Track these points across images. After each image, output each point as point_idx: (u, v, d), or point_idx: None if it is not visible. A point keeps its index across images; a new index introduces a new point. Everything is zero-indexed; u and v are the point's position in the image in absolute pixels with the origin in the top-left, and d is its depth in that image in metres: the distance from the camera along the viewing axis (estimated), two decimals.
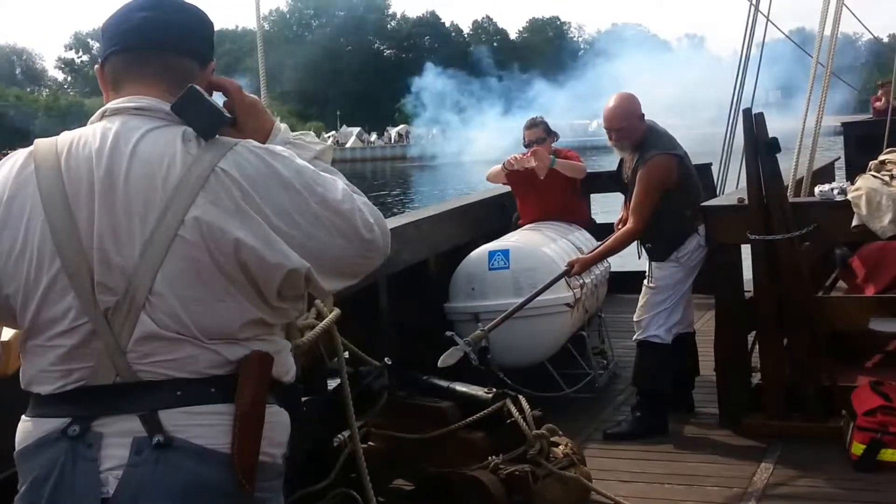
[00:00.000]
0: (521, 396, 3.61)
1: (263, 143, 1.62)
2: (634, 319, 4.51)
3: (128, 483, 1.45)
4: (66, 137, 1.58)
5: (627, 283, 5.70)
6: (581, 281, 4.92)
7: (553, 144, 5.66)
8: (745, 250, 4.48)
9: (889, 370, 4.33)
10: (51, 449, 1.50)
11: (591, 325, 5.41)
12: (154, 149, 1.52)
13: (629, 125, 4.39)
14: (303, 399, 1.81)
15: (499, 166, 5.62)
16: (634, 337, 4.53)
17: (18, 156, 1.59)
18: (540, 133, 5.58)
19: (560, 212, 5.42)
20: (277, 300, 1.56)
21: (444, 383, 3.68)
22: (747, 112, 4.38)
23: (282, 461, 1.62)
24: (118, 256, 1.49)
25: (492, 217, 5.89)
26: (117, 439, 1.48)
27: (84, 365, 1.51)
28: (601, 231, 5.48)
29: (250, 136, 1.62)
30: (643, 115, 4.47)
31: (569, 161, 5.53)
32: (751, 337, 4.42)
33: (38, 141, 1.60)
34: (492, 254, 4.79)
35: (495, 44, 76.98)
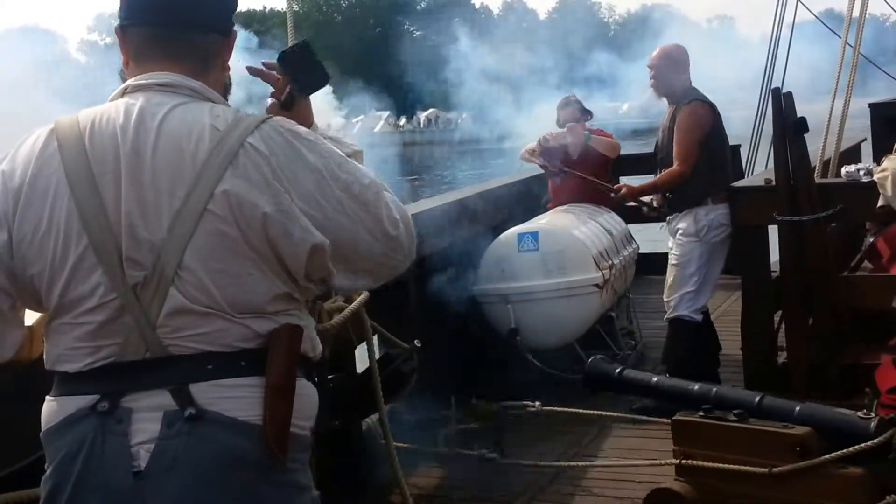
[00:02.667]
0: None
1: None
2: (665, 299, 4.62)
3: (160, 455, 1.46)
4: (87, 114, 1.57)
5: (655, 265, 5.78)
6: (610, 262, 5.01)
7: (587, 124, 5.74)
8: (773, 231, 4.54)
9: None
10: (80, 426, 1.50)
11: (619, 305, 5.49)
12: (182, 124, 1.52)
13: (663, 66, 4.61)
14: (329, 377, 1.87)
15: (533, 143, 5.70)
16: (666, 316, 4.63)
17: (39, 134, 1.58)
18: (574, 112, 5.68)
19: (592, 192, 5.52)
20: (304, 280, 1.57)
21: (793, 404, 2.99)
22: (776, 92, 4.43)
23: (310, 434, 1.63)
24: (146, 231, 1.49)
25: (523, 199, 5.98)
26: (148, 413, 1.48)
27: (113, 341, 1.52)
28: (630, 214, 5.56)
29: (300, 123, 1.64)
30: (686, 67, 4.66)
31: (602, 138, 5.62)
32: (777, 316, 4.49)
33: (58, 119, 1.58)
34: (521, 236, 4.89)
35: (525, 24, 76.40)
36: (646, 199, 4.92)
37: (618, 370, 3.67)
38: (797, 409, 2.83)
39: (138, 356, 1.51)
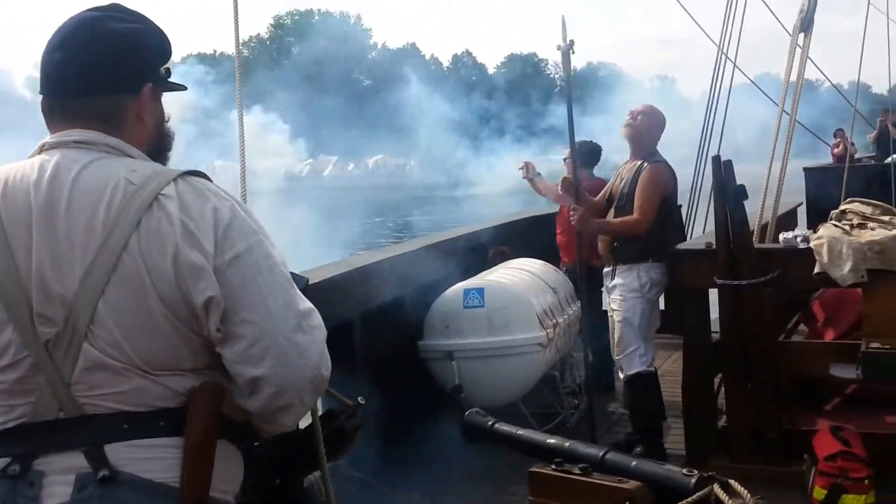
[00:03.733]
0: (731, 481, 2.96)
1: None
2: (616, 357, 4.68)
3: None
4: (2, 170, 1.57)
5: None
6: (554, 321, 5.03)
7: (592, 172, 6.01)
8: (714, 294, 4.63)
9: (848, 413, 4.46)
10: None
11: (563, 364, 5.50)
12: (96, 179, 1.51)
13: (646, 119, 4.79)
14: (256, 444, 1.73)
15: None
16: (622, 376, 4.69)
17: None
18: (569, 164, 5.85)
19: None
20: (208, 332, 1.52)
21: (630, 459, 3.14)
22: (716, 159, 4.54)
23: (233, 500, 1.58)
24: (58, 286, 1.46)
25: (470, 253, 5.99)
26: (60, 477, 1.43)
27: (26, 401, 1.47)
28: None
29: None
30: (661, 130, 4.86)
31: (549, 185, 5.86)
32: (718, 379, 4.54)
33: None
34: (467, 292, 4.88)
35: (474, 77, 77.65)
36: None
37: (490, 423, 3.75)
38: (633, 464, 3.00)
39: (51, 416, 1.46)
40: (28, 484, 1.43)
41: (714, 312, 4.63)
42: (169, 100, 1.74)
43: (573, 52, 4.62)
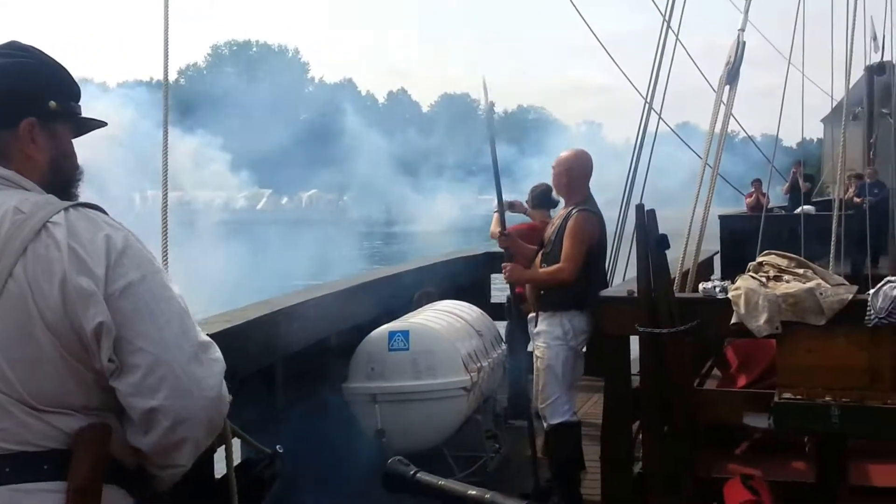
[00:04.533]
0: None
1: None
2: (540, 405, 4.69)
3: None
4: None
5: None
6: (479, 364, 5.03)
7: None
8: (635, 339, 4.70)
9: (757, 458, 4.56)
10: None
11: (485, 407, 5.50)
12: None
13: (567, 168, 4.78)
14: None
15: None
16: (546, 426, 4.69)
17: None
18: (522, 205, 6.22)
19: None
20: (100, 362, 1.47)
21: None
22: (640, 207, 4.63)
23: None
24: None
25: (397, 294, 5.98)
26: None
27: None
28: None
29: None
30: (587, 174, 4.86)
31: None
32: (636, 425, 4.60)
33: None
34: (392, 334, 4.86)
35: (408, 115, 78.15)
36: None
37: (412, 472, 3.74)
38: None
39: None
40: None
41: (635, 355, 4.70)
42: (112, 122, 1.71)
43: (494, 113, 4.73)
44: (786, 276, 4.49)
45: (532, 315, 4.87)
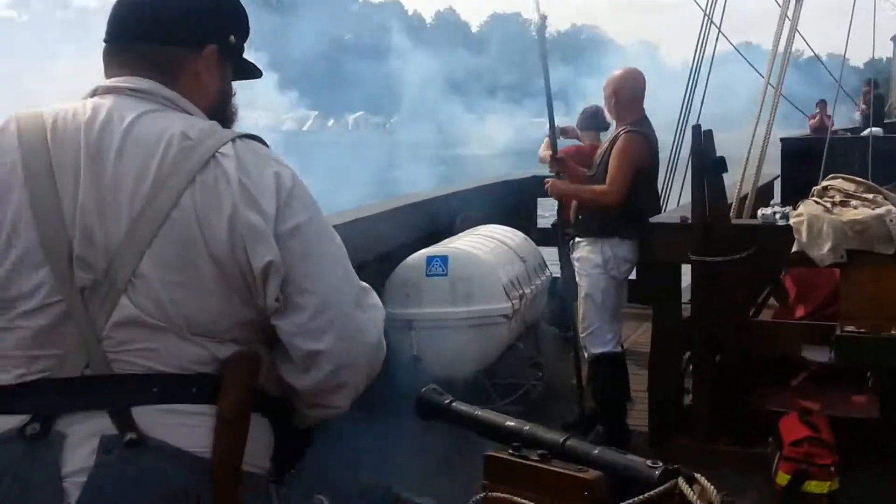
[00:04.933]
0: (698, 475, 3.02)
1: None
2: (581, 335, 4.52)
3: (92, 489, 1.31)
4: (52, 109, 1.48)
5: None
6: (521, 291, 4.84)
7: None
8: (687, 269, 4.46)
9: (815, 392, 4.33)
10: (6, 450, 1.35)
11: (528, 335, 5.34)
12: (151, 129, 1.44)
13: (619, 90, 4.49)
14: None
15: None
16: (587, 356, 4.52)
17: (5, 120, 1.48)
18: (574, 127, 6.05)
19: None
20: (262, 299, 1.43)
21: (592, 448, 3.19)
22: (696, 129, 4.34)
23: (267, 475, 1.51)
24: (102, 232, 1.38)
25: (437, 218, 5.78)
26: (83, 439, 1.34)
27: (51, 352, 1.38)
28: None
29: None
30: (638, 96, 4.56)
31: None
32: (686, 357, 4.40)
33: (18, 112, 1.49)
34: (430, 259, 4.68)
35: (457, 36, 76.75)
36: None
37: (447, 401, 3.57)
38: (594, 452, 2.86)
39: (76, 372, 1.37)
40: (47, 446, 1.34)
41: (686, 285, 4.48)
42: None
43: (547, 27, 4.44)
44: (853, 202, 4.19)
45: (572, 242, 4.64)
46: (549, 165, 4.95)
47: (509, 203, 6.56)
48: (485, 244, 5.08)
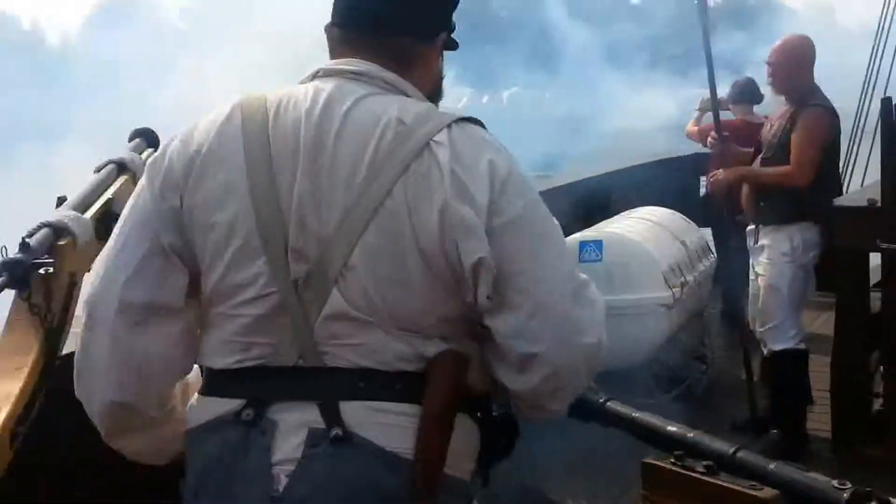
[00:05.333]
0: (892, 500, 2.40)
1: None
2: (758, 329, 4.15)
3: (299, 481, 1.35)
4: (275, 95, 1.48)
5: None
6: (682, 279, 4.50)
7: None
8: (875, 256, 3.99)
9: None
10: (223, 432, 1.40)
11: (691, 324, 4.97)
12: (368, 115, 1.42)
13: (785, 62, 4.11)
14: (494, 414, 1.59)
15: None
16: (765, 350, 4.15)
17: (225, 107, 1.48)
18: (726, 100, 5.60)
19: None
20: (476, 301, 1.39)
21: (767, 462, 2.54)
22: (886, 102, 3.85)
23: (469, 479, 1.48)
24: (316, 222, 1.38)
25: (591, 200, 5.50)
26: (292, 429, 1.37)
27: (266, 340, 1.41)
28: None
29: None
30: (810, 63, 4.13)
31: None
32: (875, 356, 3.94)
33: (246, 96, 1.49)
34: (583, 245, 4.41)
35: (614, 4, 74.64)
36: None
37: (602, 400, 3.27)
38: (770, 466, 2.45)
39: (289, 362, 1.40)
40: (261, 431, 1.38)
41: (874, 278, 4.00)
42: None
43: None
44: None
45: (750, 228, 4.24)
46: (709, 145, 4.57)
47: (669, 183, 6.17)
48: (642, 228, 4.76)
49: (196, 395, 1.49)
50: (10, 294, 1.63)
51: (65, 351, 1.69)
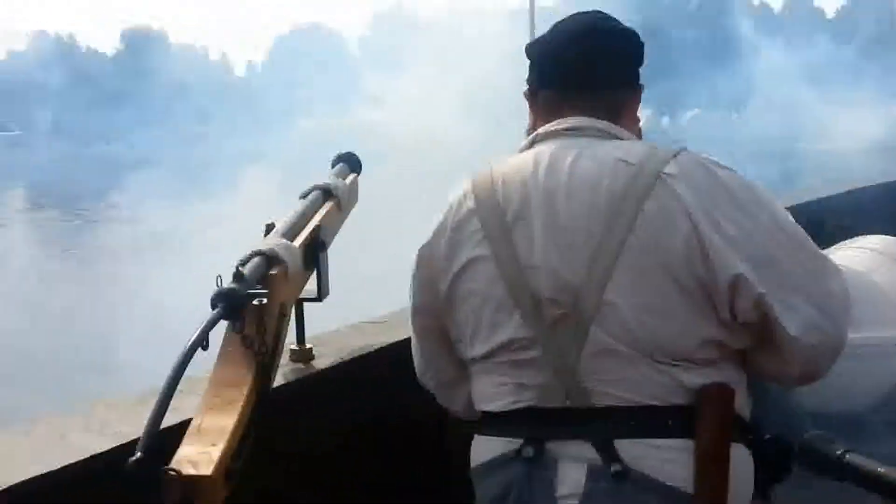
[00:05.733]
0: None
1: None
2: None
3: None
4: (499, 167, 1.63)
5: None
6: None
7: None
8: None
9: None
10: (506, 469, 1.53)
11: None
12: (592, 163, 1.54)
13: None
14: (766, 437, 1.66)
15: None
16: None
17: (459, 189, 1.66)
18: None
19: None
20: (731, 318, 1.47)
21: None
22: None
23: None
24: (564, 270, 1.50)
25: (805, 227, 5.16)
26: (572, 465, 1.47)
27: (533, 383, 1.52)
28: None
29: None
30: None
31: None
32: None
33: (477, 172, 1.66)
34: None
35: (811, 21, 70.97)
36: None
37: (839, 452, 2.96)
38: None
39: (558, 402, 1.51)
40: (543, 468, 1.49)
41: None
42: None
43: None
44: None
45: None
46: None
47: (892, 209, 5.71)
48: (870, 258, 4.39)
49: (476, 436, 1.62)
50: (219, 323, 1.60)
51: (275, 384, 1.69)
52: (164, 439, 1.29)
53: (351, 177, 2.36)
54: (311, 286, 2.03)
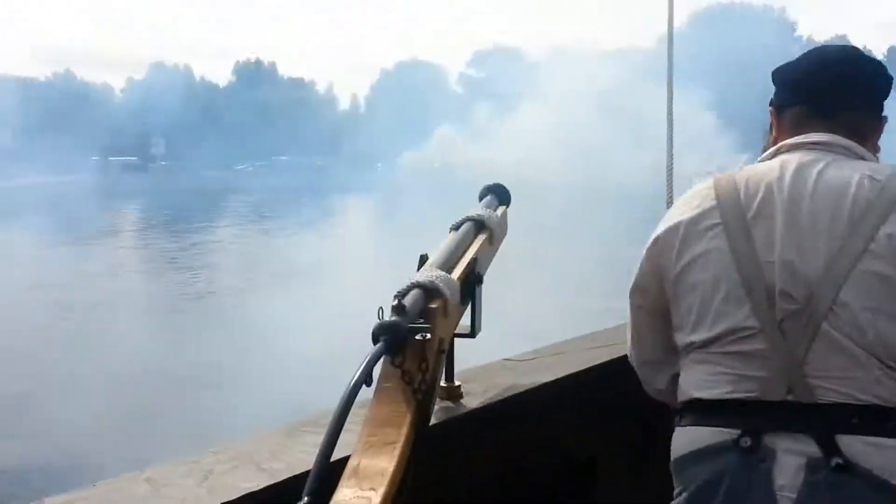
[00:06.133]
0: None
1: None
2: None
3: None
4: (743, 171, 1.72)
5: None
6: None
7: None
8: None
9: None
10: (719, 458, 1.54)
11: None
12: (839, 174, 1.62)
13: None
14: None
15: None
16: None
17: (703, 186, 1.74)
18: None
19: None
20: None
21: None
22: None
23: None
24: (802, 268, 1.54)
25: None
26: (789, 457, 1.49)
27: (756, 375, 1.55)
28: None
29: None
30: None
31: None
32: None
33: (718, 175, 1.74)
34: None
35: None
36: None
37: None
38: None
39: (779, 396, 1.53)
40: (759, 459, 1.50)
41: None
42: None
43: None
44: None
45: None
46: None
47: None
48: None
49: (678, 428, 1.65)
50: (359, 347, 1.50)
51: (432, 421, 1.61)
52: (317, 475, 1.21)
53: (501, 209, 2.27)
54: (462, 321, 1.92)
